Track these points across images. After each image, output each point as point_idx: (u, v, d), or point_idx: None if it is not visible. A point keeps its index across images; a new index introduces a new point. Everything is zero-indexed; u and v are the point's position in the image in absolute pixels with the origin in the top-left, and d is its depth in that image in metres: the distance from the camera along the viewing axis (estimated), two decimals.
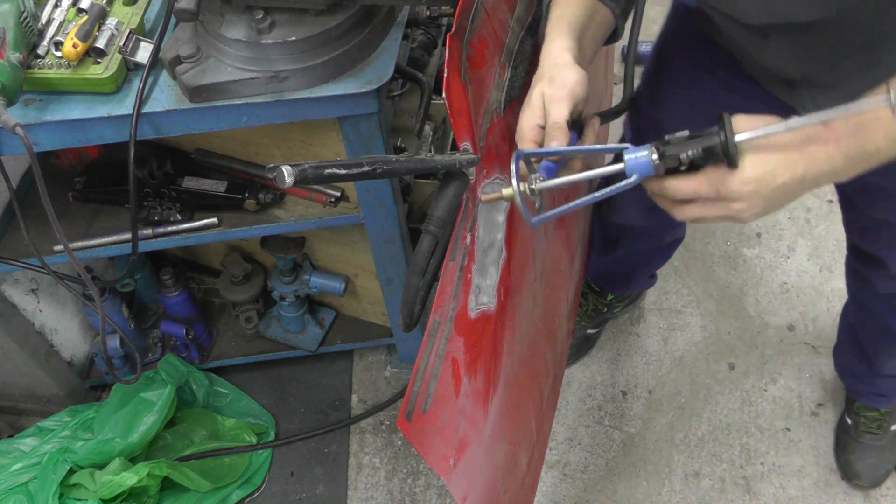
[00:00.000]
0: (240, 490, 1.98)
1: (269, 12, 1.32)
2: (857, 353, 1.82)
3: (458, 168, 1.08)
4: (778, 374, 2.14)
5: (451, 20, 0.98)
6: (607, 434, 2.07)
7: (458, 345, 1.12)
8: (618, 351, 2.22)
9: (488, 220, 1.19)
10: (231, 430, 2.04)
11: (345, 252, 1.95)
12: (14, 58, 1.24)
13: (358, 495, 2.00)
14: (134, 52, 1.36)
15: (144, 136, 1.38)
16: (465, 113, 1.05)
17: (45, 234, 1.56)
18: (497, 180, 1.21)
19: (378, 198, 1.60)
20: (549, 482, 1.99)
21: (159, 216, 1.68)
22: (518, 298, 1.33)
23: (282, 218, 1.67)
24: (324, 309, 2.18)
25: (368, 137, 1.46)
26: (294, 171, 0.85)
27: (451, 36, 0.96)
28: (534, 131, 1.00)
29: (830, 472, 1.97)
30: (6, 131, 1.22)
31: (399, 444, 2.07)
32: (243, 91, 1.34)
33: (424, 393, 1.05)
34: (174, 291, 2.03)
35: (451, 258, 1.10)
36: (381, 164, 0.96)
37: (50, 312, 2.00)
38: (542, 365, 1.57)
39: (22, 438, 1.95)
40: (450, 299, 1.10)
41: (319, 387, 2.19)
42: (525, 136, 1.00)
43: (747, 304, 2.28)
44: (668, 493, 1.96)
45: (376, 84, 1.34)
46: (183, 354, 2.09)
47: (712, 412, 2.09)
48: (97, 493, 1.76)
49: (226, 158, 1.73)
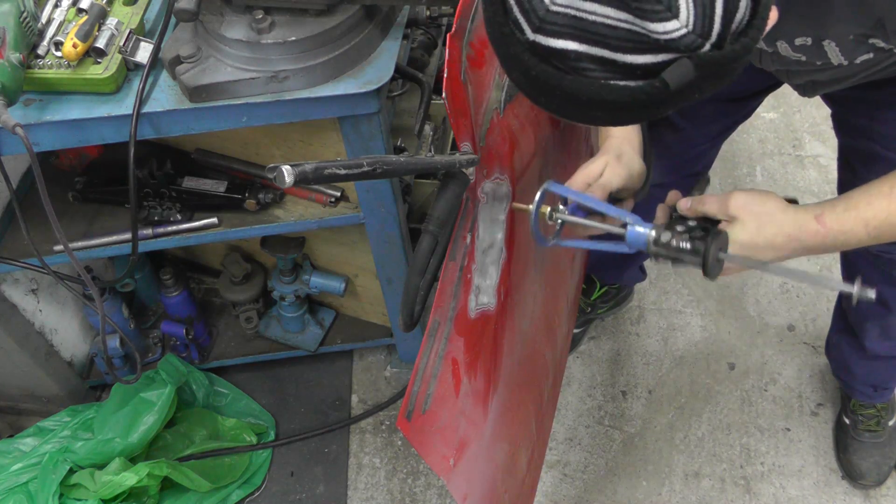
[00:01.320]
0: (240, 490, 1.98)
1: (269, 12, 1.32)
2: (849, 338, 1.82)
3: (458, 168, 1.08)
4: (778, 374, 2.14)
5: (451, 20, 0.98)
6: (607, 434, 2.07)
7: (458, 345, 1.12)
8: (618, 351, 2.22)
9: (488, 220, 1.19)
10: (231, 430, 2.04)
11: (345, 252, 1.95)
12: (14, 58, 1.24)
13: (358, 495, 1.99)
14: (134, 52, 1.36)
15: (144, 136, 1.38)
16: (465, 113, 1.05)
17: (45, 234, 1.56)
18: (497, 180, 1.21)
19: (378, 198, 1.60)
20: (549, 482, 1.99)
21: (159, 216, 1.68)
22: (518, 298, 1.33)
23: (282, 218, 1.67)
24: (324, 309, 2.18)
25: (368, 137, 1.45)
26: (294, 171, 0.85)
27: (451, 36, 0.96)
28: (582, 186, 1.17)
29: (830, 472, 1.97)
30: (6, 131, 1.22)
31: (399, 444, 2.07)
32: (243, 91, 1.34)
33: (424, 393, 1.05)
34: (174, 291, 2.03)
35: (451, 258, 1.10)
36: (381, 164, 0.96)
37: (50, 312, 2.00)
38: (542, 365, 1.57)
39: (22, 438, 1.95)
40: (450, 299, 1.10)
41: (319, 387, 2.19)
42: (576, 184, 1.17)
43: (747, 304, 2.28)
44: (668, 493, 1.96)
45: (376, 84, 1.34)
46: (183, 354, 2.09)
47: (712, 412, 2.09)
48: (97, 493, 1.76)
49: (226, 158, 1.73)
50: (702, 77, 0.72)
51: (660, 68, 0.71)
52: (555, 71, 0.73)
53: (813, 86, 1.27)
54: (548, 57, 0.72)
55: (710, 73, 0.72)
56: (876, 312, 1.70)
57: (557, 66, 0.72)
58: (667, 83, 0.71)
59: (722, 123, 1.65)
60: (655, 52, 0.70)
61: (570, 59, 0.71)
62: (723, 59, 0.71)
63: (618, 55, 0.70)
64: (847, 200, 1.04)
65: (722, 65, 0.72)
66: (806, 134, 2.65)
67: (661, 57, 0.70)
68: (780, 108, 2.71)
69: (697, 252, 1.03)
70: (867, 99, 1.30)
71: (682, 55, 0.70)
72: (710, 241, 1.01)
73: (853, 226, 1.03)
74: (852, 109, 1.39)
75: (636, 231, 1.05)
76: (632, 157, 1.21)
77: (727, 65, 0.72)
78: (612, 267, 2.08)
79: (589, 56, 0.71)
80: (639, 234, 1.05)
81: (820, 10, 0.97)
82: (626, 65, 0.71)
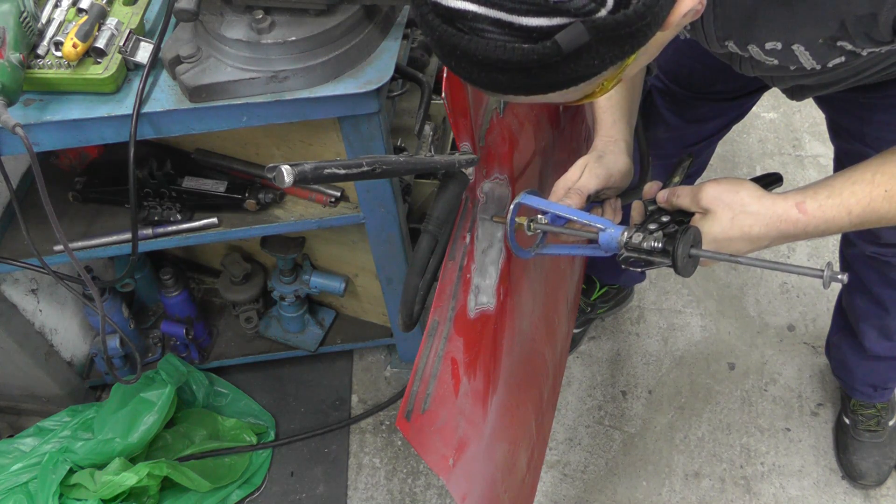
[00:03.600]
0: (240, 490, 1.98)
1: (269, 12, 1.32)
2: (848, 338, 1.82)
3: (458, 168, 1.08)
4: (778, 374, 2.14)
5: None
6: (607, 434, 2.07)
7: (457, 345, 1.12)
8: (618, 351, 2.22)
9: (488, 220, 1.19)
10: (231, 430, 2.04)
11: (345, 252, 1.95)
12: (14, 58, 1.24)
13: (358, 495, 2.00)
14: (134, 52, 1.36)
15: (144, 136, 1.38)
16: (465, 113, 1.05)
17: (45, 234, 1.56)
18: (497, 180, 1.21)
19: (378, 198, 1.60)
20: (549, 482, 1.99)
21: (159, 216, 1.68)
22: (518, 298, 1.33)
23: (282, 218, 1.67)
24: (324, 309, 2.18)
25: (368, 137, 1.46)
26: (294, 171, 0.85)
27: None
28: (562, 192, 1.16)
29: (830, 472, 1.97)
30: (6, 131, 1.22)
31: (399, 444, 2.07)
32: (243, 91, 1.34)
33: (424, 393, 1.05)
34: (174, 291, 2.03)
35: (450, 258, 1.10)
36: (381, 164, 0.96)
37: (50, 312, 2.00)
38: (542, 365, 1.57)
39: (22, 438, 1.95)
40: (449, 299, 1.10)
41: (319, 387, 2.19)
42: (556, 192, 1.17)
43: (747, 304, 2.28)
44: (668, 493, 1.96)
45: (376, 84, 1.34)
46: (183, 354, 2.09)
47: (712, 412, 2.09)
48: (97, 493, 1.76)
49: (226, 158, 1.73)
50: (598, 42, 0.72)
51: (554, 31, 0.71)
52: (455, 31, 0.74)
53: (801, 90, 1.26)
54: (450, 18, 0.73)
55: (605, 38, 0.72)
56: (874, 313, 1.70)
57: (459, 28, 0.73)
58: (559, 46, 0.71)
59: (715, 123, 1.65)
60: (550, 16, 0.70)
61: (469, 19, 0.72)
62: (617, 24, 0.72)
63: (514, 17, 0.71)
64: (829, 188, 1.02)
65: (616, 30, 0.72)
66: (806, 134, 2.65)
67: (556, 20, 0.71)
68: (780, 108, 2.71)
69: (667, 253, 1.02)
70: (857, 102, 1.30)
71: (577, 19, 0.70)
72: (679, 241, 1.00)
73: (836, 213, 1.01)
74: (844, 113, 1.39)
75: (608, 234, 1.05)
76: (616, 157, 1.21)
77: (622, 30, 0.73)
78: (612, 267, 2.08)
79: (486, 17, 0.72)
80: (610, 235, 1.05)
81: (784, 14, 0.97)
82: (521, 27, 0.71)
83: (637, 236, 1.04)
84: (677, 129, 1.64)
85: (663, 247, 1.02)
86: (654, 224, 1.08)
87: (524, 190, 1.14)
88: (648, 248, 1.03)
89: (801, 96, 1.29)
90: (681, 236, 1.00)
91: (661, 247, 1.03)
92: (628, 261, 1.07)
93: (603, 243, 1.06)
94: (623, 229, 1.05)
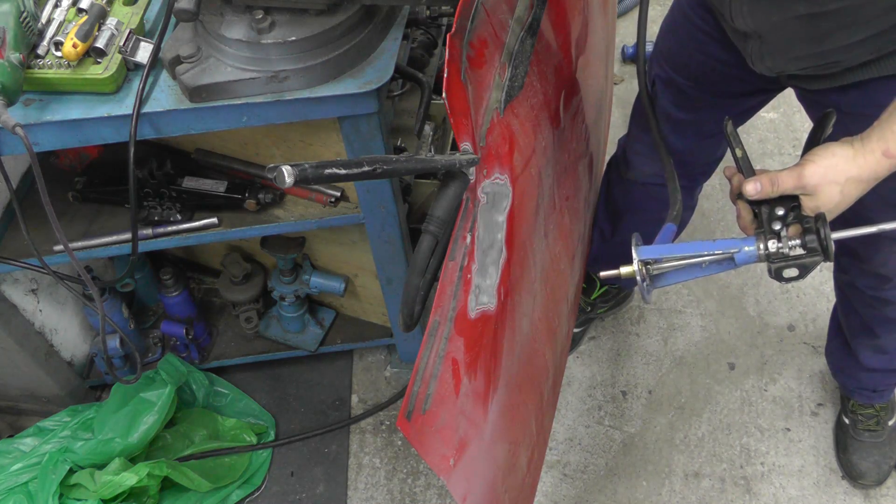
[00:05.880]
0: (240, 490, 1.98)
1: (269, 12, 1.32)
2: (844, 348, 1.83)
3: (458, 168, 1.08)
4: (778, 374, 2.14)
5: (451, 20, 0.98)
6: (607, 434, 2.07)
7: (458, 345, 1.12)
8: (618, 351, 2.22)
9: (488, 221, 1.19)
10: (231, 430, 2.04)
11: (345, 252, 1.95)
12: (14, 58, 1.24)
13: (358, 495, 2.00)
14: (134, 52, 1.36)
15: (144, 136, 1.38)
16: (465, 113, 1.05)
17: (45, 234, 1.56)
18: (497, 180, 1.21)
19: (378, 198, 1.60)
20: (549, 482, 1.99)
21: (159, 216, 1.68)
22: (518, 298, 1.33)
23: (282, 218, 1.67)
24: (324, 309, 2.18)
25: (368, 137, 1.46)
26: (294, 171, 0.85)
27: (451, 36, 0.96)
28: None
29: (830, 472, 1.97)
30: (6, 131, 1.22)
31: (399, 444, 2.07)
32: (243, 91, 1.34)
33: (424, 393, 1.05)
34: (174, 291, 2.03)
35: (451, 258, 1.10)
36: (381, 164, 0.96)
37: (50, 312, 2.00)
38: (542, 365, 1.57)
39: (22, 438, 1.95)
40: (450, 299, 1.10)
41: (319, 387, 2.19)
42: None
43: (747, 304, 2.28)
44: (668, 493, 1.96)
45: (376, 84, 1.34)
46: (183, 354, 2.09)
47: (712, 412, 2.09)
48: (97, 493, 1.76)
49: (226, 158, 1.73)
50: None
51: None
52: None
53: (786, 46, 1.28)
54: None
55: None
56: (866, 335, 1.74)
57: None
58: None
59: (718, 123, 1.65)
60: None
61: None
62: None
63: None
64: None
65: None
66: (806, 134, 2.65)
67: None
68: (780, 108, 2.71)
69: (815, 252, 1.03)
70: (830, 104, 1.32)
71: None
72: (823, 233, 1.01)
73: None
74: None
75: (744, 252, 1.07)
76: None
77: None
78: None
79: None
80: (746, 253, 1.06)
81: None
82: None
83: (772, 244, 1.05)
84: (686, 128, 1.63)
85: (810, 246, 1.03)
86: (777, 223, 1.08)
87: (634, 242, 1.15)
88: (796, 255, 1.04)
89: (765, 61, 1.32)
90: (821, 227, 1.02)
91: (808, 247, 1.03)
92: (781, 273, 1.06)
93: (741, 262, 1.07)
94: (753, 241, 1.06)
